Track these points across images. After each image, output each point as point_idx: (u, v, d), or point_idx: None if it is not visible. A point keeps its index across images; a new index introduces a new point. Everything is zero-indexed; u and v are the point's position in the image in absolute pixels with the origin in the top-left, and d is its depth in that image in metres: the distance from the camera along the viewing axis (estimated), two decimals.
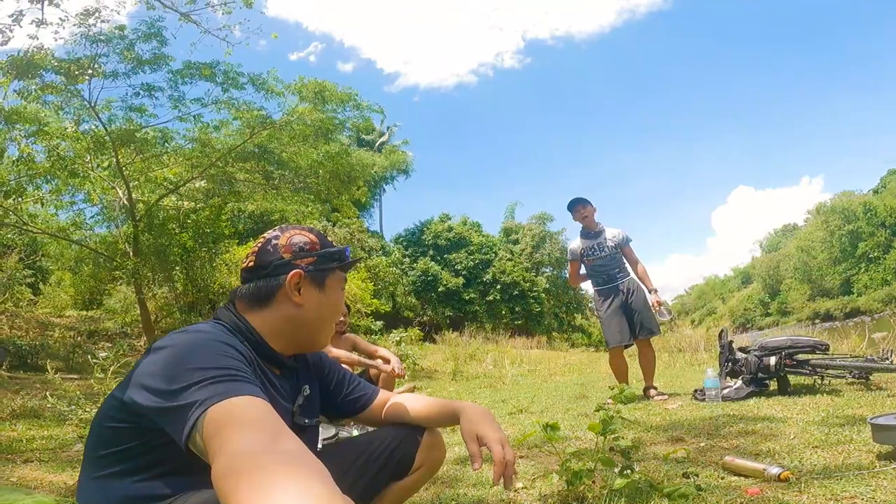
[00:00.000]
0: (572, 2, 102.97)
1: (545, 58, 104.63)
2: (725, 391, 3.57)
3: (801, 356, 3.64)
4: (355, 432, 2.71)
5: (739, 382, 3.63)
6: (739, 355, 3.80)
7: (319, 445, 1.40)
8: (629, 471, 1.68)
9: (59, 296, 13.13)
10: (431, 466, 1.27)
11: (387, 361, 3.69)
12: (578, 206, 4.28)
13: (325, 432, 2.76)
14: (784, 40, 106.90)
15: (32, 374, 6.34)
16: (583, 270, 4.43)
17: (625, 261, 4.29)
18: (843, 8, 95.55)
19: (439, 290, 27.39)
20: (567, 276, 4.80)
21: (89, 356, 5.82)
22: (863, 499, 1.51)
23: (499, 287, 28.71)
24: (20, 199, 7.89)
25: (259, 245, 1.09)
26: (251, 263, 1.07)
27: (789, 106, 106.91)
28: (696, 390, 3.80)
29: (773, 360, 3.55)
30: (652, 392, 4.05)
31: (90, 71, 7.05)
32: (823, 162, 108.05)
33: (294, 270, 1.04)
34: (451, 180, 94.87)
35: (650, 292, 4.20)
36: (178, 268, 9.99)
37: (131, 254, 8.85)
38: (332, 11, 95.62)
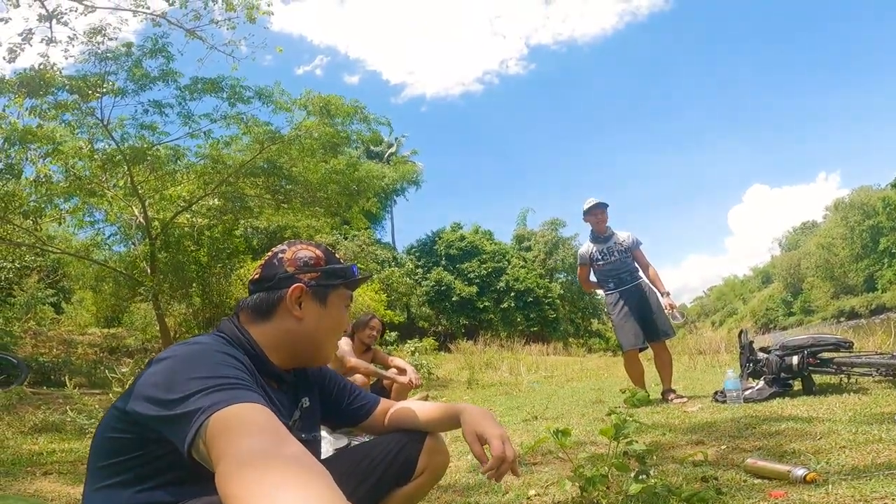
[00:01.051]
0: (572, 7, 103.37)
1: (550, 63, 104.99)
2: (747, 392, 3.48)
3: (825, 354, 3.53)
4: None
5: (762, 383, 3.53)
6: (760, 355, 3.70)
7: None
8: (645, 475, 1.63)
9: (81, 314, 13.41)
10: (434, 471, 1.26)
11: (402, 371, 3.68)
12: (598, 211, 4.23)
13: (338, 442, 2.75)
14: (793, 34, 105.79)
15: (55, 389, 6.46)
16: (593, 277, 4.39)
17: (636, 264, 4.25)
18: (855, 1, 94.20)
19: (453, 299, 27.36)
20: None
21: (107, 371, 5.93)
22: (893, 499, 1.44)
23: (513, 294, 28.58)
24: (39, 220, 8.06)
25: (267, 258, 1.11)
26: (257, 275, 1.09)
27: (801, 102, 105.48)
28: (716, 392, 3.70)
29: (795, 359, 3.45)
30: (671, 395, 3.96)
31: (101, 89, 7.18)
32: (840, 157, 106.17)
33: (295, 284, 1.05)
34: (462, 189, 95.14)
35: (663, 295, 4.14)
36: (194, 284, 10.13)
37: (149, 272, 8.99)
38: (335, 24, 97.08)
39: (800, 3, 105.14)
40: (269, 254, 1.12)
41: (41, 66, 7.00)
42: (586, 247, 4.39)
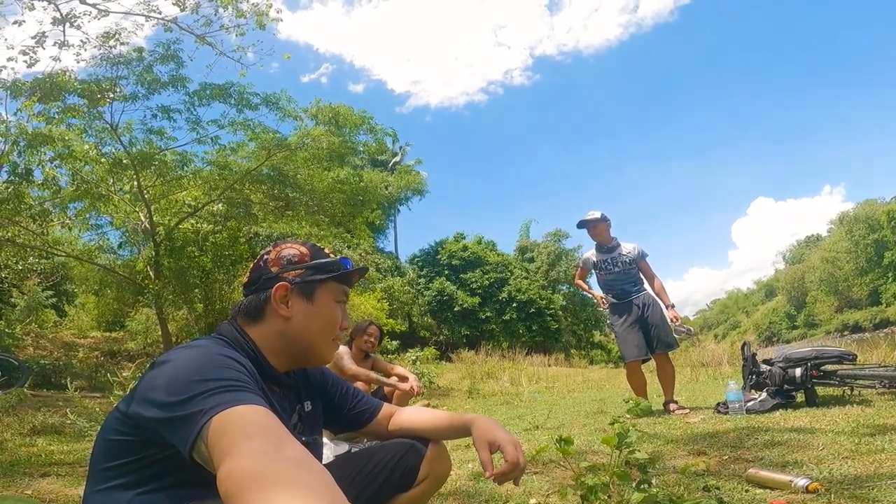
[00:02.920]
0: (577, 18, 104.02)
1: (554, 74, 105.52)
2: (750, 404, 3.46)
3: (828, 367, 3.51)
4: None
5: (764, 395, 3.51)
6: (763, 367, 3.68)
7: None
8: (647, 485, 1.62)
9: (83, 318, 13.44)
10: (436, 478, 1.25)
11: (403, 379, 3.68)
12: (590, 226, 4.25)
13: (339, 448, 2.74)
14: (797, 47, 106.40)
15: (56, 392, 6.45)
16: (597, 289, 4.42)
17: (640, 276, 4.25)
18: (860, 13, 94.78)
19: (455, 309, 27.27)
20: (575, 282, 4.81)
21: (108, 374, 5.93)
22: None
23: (515, 305, 28.49)
24: (47, 223, 8.10)
25: (255, 261, 1.12)
26: (246, 279, 1.10)
27: (806, 114, 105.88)
28: (718, 403, 3.69)
29: (798, 371, 3.44)
30: (673, 406, 3.94)
31: (111, 94, 7.24)
32: (844, 170, 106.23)
33: (279, 283, 1.05)
34: (465, 199, 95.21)
35: (667, 308, 4.13)
36: (197, 290, 10.16)
37: (153, 276, 9.02)
38: (341, 33, 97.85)
39: (806, 16, 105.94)
40: (258, 257, 1.12)
41: (58, 72, 7.07)
42: (590, 253, 4.42)
